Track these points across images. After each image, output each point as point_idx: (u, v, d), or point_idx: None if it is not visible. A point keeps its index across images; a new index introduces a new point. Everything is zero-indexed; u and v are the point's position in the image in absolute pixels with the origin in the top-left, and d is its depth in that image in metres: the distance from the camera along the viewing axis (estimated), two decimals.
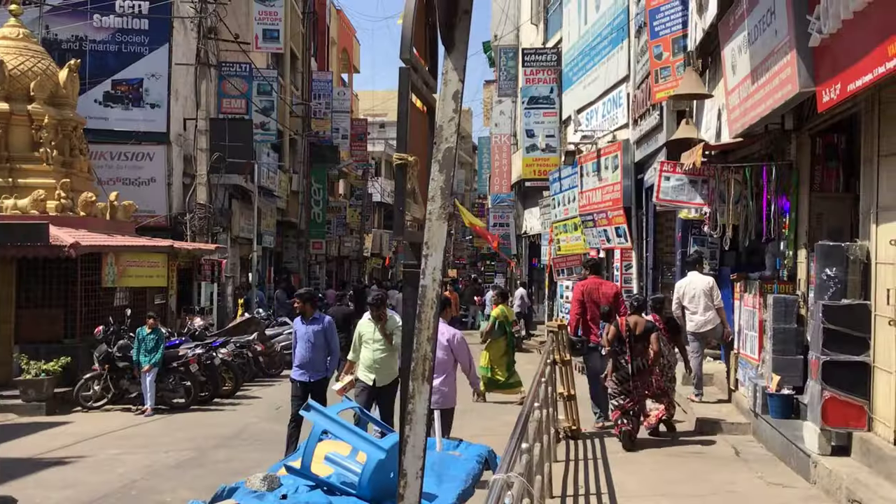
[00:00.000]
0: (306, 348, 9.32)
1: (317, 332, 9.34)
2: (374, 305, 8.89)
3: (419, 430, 2.41)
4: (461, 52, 2.70)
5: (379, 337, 8.75)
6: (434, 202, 2.71)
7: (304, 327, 9.42)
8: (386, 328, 8.75)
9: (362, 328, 8.88)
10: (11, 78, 16.18)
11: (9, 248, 13.97)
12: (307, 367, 9.31)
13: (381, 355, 8.72)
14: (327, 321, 9.54)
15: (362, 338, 8.85)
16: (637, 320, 9.47)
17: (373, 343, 8.76)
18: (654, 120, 14.13)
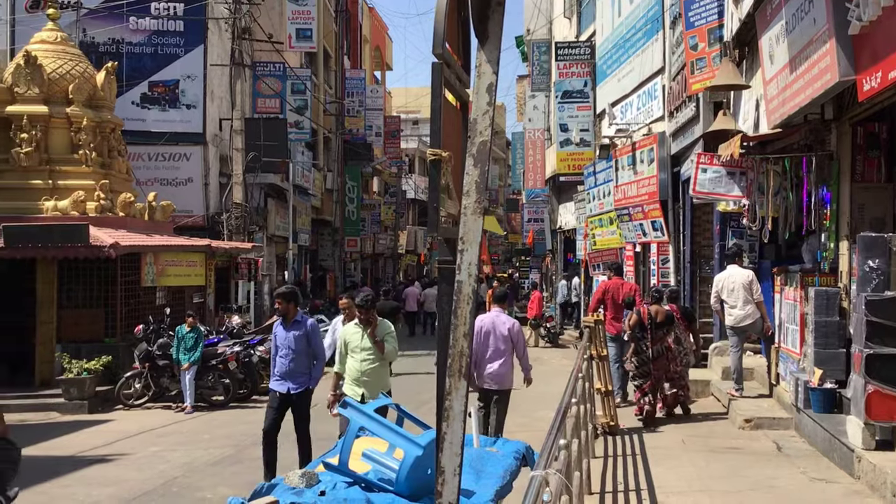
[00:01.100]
0: (286, 356, 8.28)
1: (298, 338, 8.26)
2: (363, 308, 7.93)
3: (456, 426, 2.39)
4: (495, 45, 2.67)
5: (367, 345, 7.89)
6: (469, 197, 2.69)
7: (285, 332, 8.31)
8: (376, 334, 7.91)
9: (348, 335, 8.01)
10: (50, 81, 16.43)
11: (50, 249, 14.22)
12: (287, 376, 8.29)
13: (371, 366, 7.91)
14: (310, 324, 8.44)
15: (348, 346, 7.97)
16: (658, 309, 10.49)
17: (360, 352, 7.91)
18: (690, 112, 13.97)
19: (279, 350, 8.34)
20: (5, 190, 15.94)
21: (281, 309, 8.39)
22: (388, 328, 8.01)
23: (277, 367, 8.37)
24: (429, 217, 3.06)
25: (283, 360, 8.30)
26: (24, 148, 15.95)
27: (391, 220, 44.66)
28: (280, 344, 8.33)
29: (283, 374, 8.29)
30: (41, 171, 16.12)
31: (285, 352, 8.28)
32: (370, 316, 7.94)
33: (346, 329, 8.11)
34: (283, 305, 8.35)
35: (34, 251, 14.32)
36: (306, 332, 8.28)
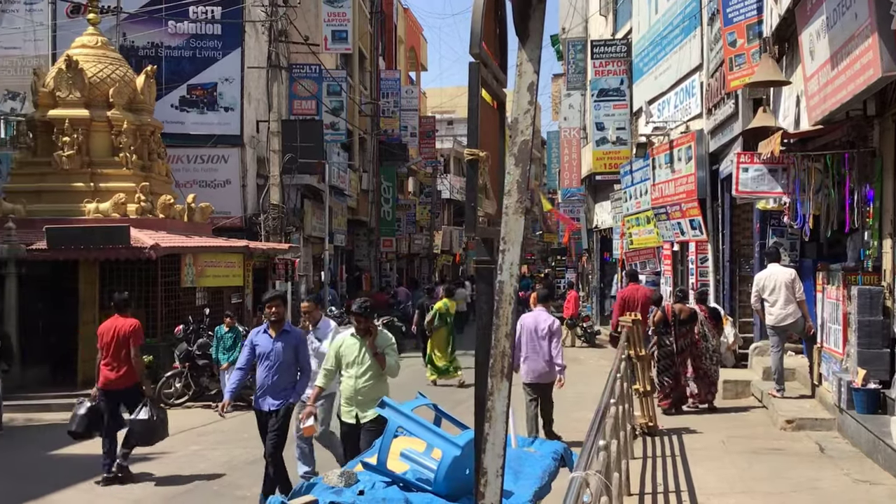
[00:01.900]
0: (271, 368, 7.47)
1: (286, 348, 7.46)
2: (360, 315, 6.97)
3: (499, 427, 2.37)
4: (535, 43, 2.65)
5: (367, 359, 6.99)
6: (510, 196, 2.68)
7: (270, 342, 7.49)
8: (376, 345, 7.03)
9: (343, 347, 7.11)
10: (91, 85, 16.70)
11: (92, 250, 14.45)
12: (271, 391, 7.48)
13: (368, 383, 6.99)
14: (299, 335, 7.73)
15: (342, 359, 7.09)
16: (682, 307, 11.32)
17: (357, 367, 7.00)
18: (729, 109, 13.80)
19: (262, 361, 7.52)
20: (48, 193, 16.23)
21: (277, 314, 7.49)
22: (388, 339, 7.17)
23: (260, 381, 7.55)
24: (466, 217, 3.06)
25: (267, 374, 7.49)
26: (66, 151, 16.22)
27: (426, 220, 44.72)
28: (265, 355, 7.50)
29: (266, 388, 7.49)
30: (83, 173, 16.39)
31: (270, 364, 7.46)
32: (369, 325, 7.03)
33: (340, 341, 7.17)
34: (278, 310, 7.51)
35: (76, 252, 14.56)
36: (295, 343, 7.53)
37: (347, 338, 7.14)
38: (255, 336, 7.70)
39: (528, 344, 9.47)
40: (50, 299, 15.48)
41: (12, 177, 17.17)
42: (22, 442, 11.45)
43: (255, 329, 7.86)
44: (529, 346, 9.47)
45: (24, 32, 21.54)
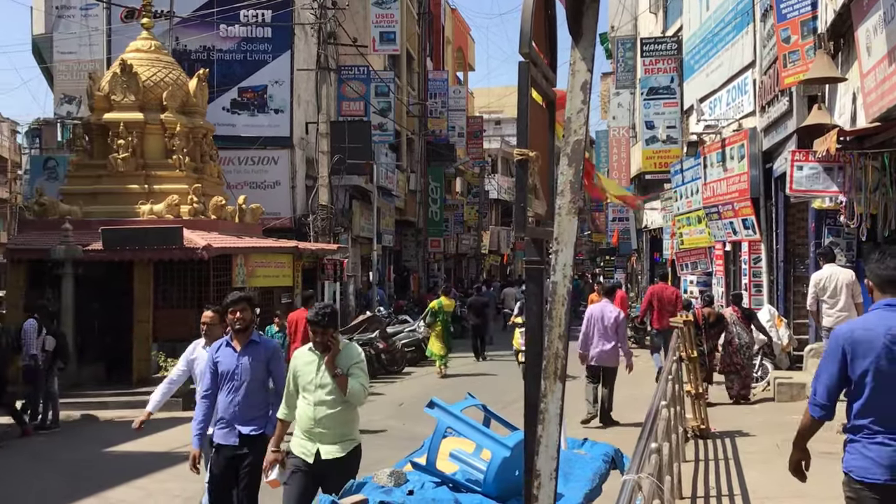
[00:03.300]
0: (236, 390, 6.00)
1: (255, 364, 6.02)
2: (316, 326, 5.49)
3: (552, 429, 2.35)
4: (589, 41, 2.62)
5: (325, 380, 5.48)
6: (563, 196, 2.65)
7: (235, 357, 6.03)
8: (337, 364, 5.51)
9: (298, 365, 5.63)
10: (145, 89, 17.00)
11: (146, 251, 14.71)
12: (236, 419, 5.99)
13: (328, 411, 5.47)
14: (272, 346, 6.30)
15: (297, 380, 5.60)
16: (710, 311, 12.15)
17: (315, 390, 5.50)
18: (783, 106, 13.55)
19: (224, 382, 6.02)
20: (104, 194, 16.57)
21: (242, 320, 6.05)
22: (354, 356, 5.61)
23: (221, 408, 6.02)
24: (516, 217, 3.03)
25: (230, 398, 5.99)
26: (121, 154, 16.54)
27: (474, 220, 44.72)
28: (227, 374, 6.01)
29: (230, 417, 6.00)
30: (137, 175, 16.69)
31: (235, 385, 5.99)
32: (327, 339, 5.49)
33: (297, 357, 5.71)
34: (244, 315, 6.05)
35: (131, 253, 14.84)
36: (266, 357, 6.09)
37: (305, 353, 5.66)
38: (214, 352, 6.12)
39: (596, 332, 11.02)
40: (105, 299, 15.80)
41: (69, 179, 17.57)
42: (79, 438, 11.71)
43: (217, 342, 6.24)
44: (597, 334, 11.02)
45: (80, 37, 22.07)
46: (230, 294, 6.50)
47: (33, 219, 16.70)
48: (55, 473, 9.63)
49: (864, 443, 3.99)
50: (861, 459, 3.98)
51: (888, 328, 3.91)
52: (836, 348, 4.06)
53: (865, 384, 3.98)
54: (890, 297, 4.04)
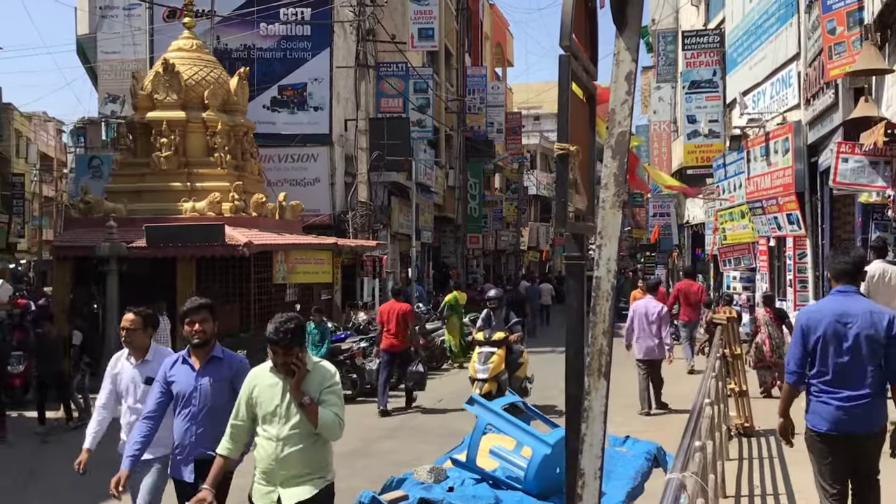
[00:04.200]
0: (196, 417, 5.09)
1: (218, 386, 5.09)
2: (278, 343, 4.39)
3: (597, 428, 2.32)
4: (634, 31, 2.58)
5: (291, 410, 4.41)
6: (607, 190, 2.61)
7: (193, 377, 5.12)
8: (305, 390, 4.42)
9: (258, 391, 4.52)
10: (187, 87, 17.20)
11: (188, 247, 14.90)
12: (196, 452, 5.12)
13: (294, 449, 4.39)
14: (238, 363, 5.25)
15: (255, 408, 4.50)
16: (729, 310, 12.17)
17: (278, 422, 4.42)
18: (828, 99, 13.30)
19: (179, 406, 5.12)
20: (147, 192, 16.81)
21: (202, 333, 5.13)
22: (327, 378, 4.51)
23: (177, 436, 5.14)
24: (556, 212, 3.00)
25: (188, 425, 5.09)
26: (164, 152, 16.76)
27: (513, 216, 44.58)
28: (183, 396, 5.10)
29: (187, 449, 5.11)
30: (180, 173, 16.90)
31: (193, 409, 5.08)
32: (289, 359, 4.40)
33: (253, 380, 4.58)
34: (204, 326, 5.13)
35: (174, 250, 15.04)
36: (231, 375, 5.12)
37: (264, 374, 4.54)
38: (169, 367, 5.19)
39: (640, 327, 11.74)
40: (149, 296, 16.00)
41: (113, 177, 17.86)
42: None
43: (173, 356, 5.32)
44: (641, 328, 11.74)
45: (123, 37, 22.41)
46: (189, 300, 5.32)
47: (79, 217, 17.01)
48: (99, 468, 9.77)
49: (815, 401, 4.94)
50: (812, 414, 4.96)
51: (833, 310, 4.91)
52: (798, 327, 5.03)
53: (816, 354, 4.91)
54: (841, 286, 5.01)
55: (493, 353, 11.19)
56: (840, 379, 4.81)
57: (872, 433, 4.85)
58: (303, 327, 4.63)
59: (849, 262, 5.02)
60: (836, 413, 4.81)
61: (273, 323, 4.49)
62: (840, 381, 4.81)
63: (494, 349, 11.24)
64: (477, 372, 11.17)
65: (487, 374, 11.01)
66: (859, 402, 4.78)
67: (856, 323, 4.81)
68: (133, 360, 5.53)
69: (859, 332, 4.79)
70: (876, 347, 4.76)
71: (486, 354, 11.20)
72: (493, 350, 11.24)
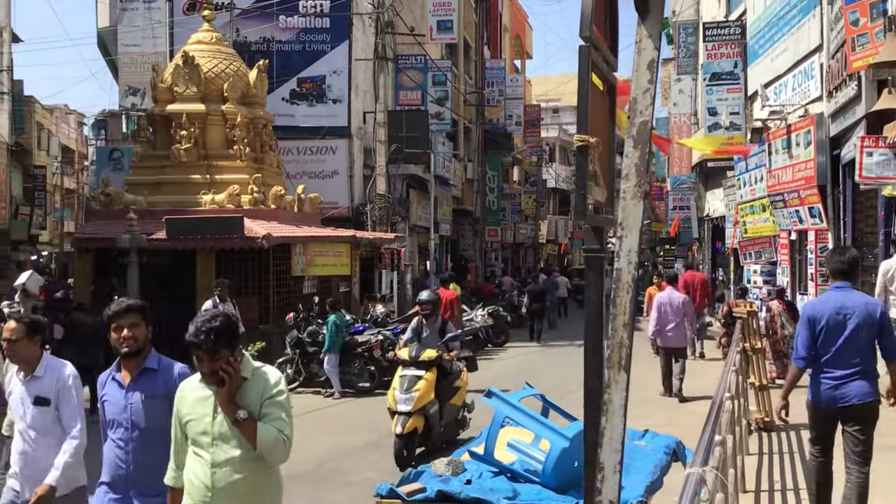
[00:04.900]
0: (128, 443, 4.12)
1: (152, 404, 4.12)
2: (200, 346, 3.61)
3: (616, 421, 2.30)
4: (656, 19, 2.54)
5: (225, 428, 3.63)
6: (628, 180, 2.58)
7: (122, 395, 4.15)
8: (241, 402, 3.64)
9: (185, 403, 3.76)
10: (206, 80, 17.25)
11: (208, 240, 14.96)
12: (130, 486, 4.11)
13: (232, 477, 3.62)
14: (177, 376, 4.15)
15: (186, 425, 3.73)
16: (742, 303, 12.71)
17: (210, 443, 3.65)
18: (851, 91, 13.15)
19: (111, 430, 4.17)
20: (167, 184, 16.90)
21: (132, 341, 4.14)
22: (268, 387, 3.70)
23: (107, 468, 4.17)
24: (575, 204, 2.97)
25: (119, 452, 4.13)
26: (184, 144, 16.84)
27: (532, 209, 44.47)
28: (112, 419, 4.16)
29: (118, 484, 4.13)
30: (199, 166, 16.97)
31: (125, 434, 4.12)
32: (218, 364, 3.61)
33: (183, 390, 3.82)
34: (134, 333, 4.14)
35: (194, 242, 15.11)
36: (168, 391, 4.05)
37: (193, 386, 3.77)
38: (102, 387, 4.27)
39: (665, 316, 12.36)
40: (169, 287, 16.10)
41: (133, 170, 17.96)
42: None
43: (105, 373, 4.31)
44: (666, 318, 12.35)
45: (144, 30, 22.49)
46: (115, 301, 4.32)
47: (100, 209, 17.12)
48: None
49: (816, 379, 5.78)
50: (813, 390, 5.79)
51: (833, 303, 5.74)
52: (804, 318, 5.84)
53: (819, 340, 5.70)
54: (838, 282, 5.83)
55: (420, 377, 8.93)
56: (838, 361, 5.63)
57: (864, 404, 5.61)
58: (232, 326, 3.68)
59: (843, 262, 5.84)
60: (833, 389, 5.64)
61: (194, 322, 3.64)
62: (838, 362, 5.64)
63: (422, 372, 9.00)
64: (397, 402, 8.83)
65: (412, 405, 8.72)
66: (853, 379, 5.61)
67: (853, 314, 5.62)
68: (21, 376, 4.58)
69: (856, 322, 5.61)
70: (871, 333, 5.61)
71: (411, 379, 8.93)
72: (419, 373, 8.97)
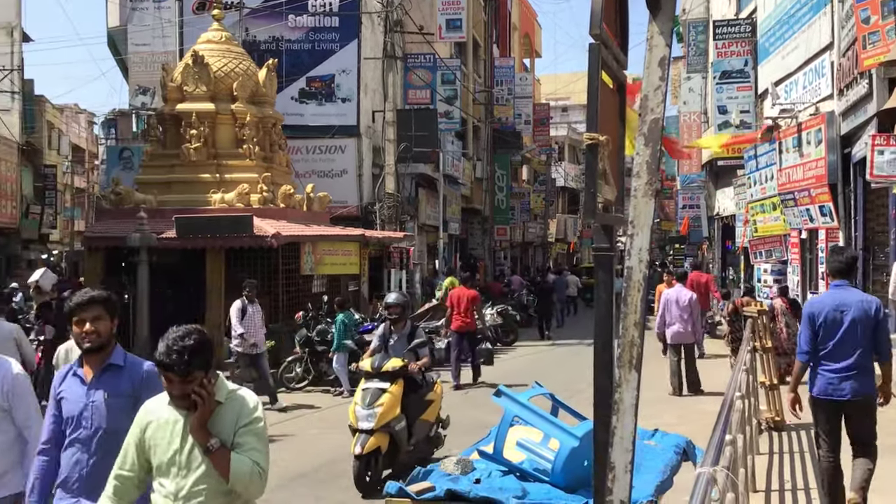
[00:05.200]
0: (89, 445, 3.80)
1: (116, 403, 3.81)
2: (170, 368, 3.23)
3: (627, 420, 2.28)
4: (668, 16, 2.52)
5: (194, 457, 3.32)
6: (639, 178, 2.56)
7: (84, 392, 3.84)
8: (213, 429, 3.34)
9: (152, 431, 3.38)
10: (216, 79, 17.28)
11: (218, 238, 14.99)
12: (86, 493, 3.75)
13: None
14: (144, 374, 3.91)
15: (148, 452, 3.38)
16: (749, 300, 13.04)
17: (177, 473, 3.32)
18: (862, 89, 13.09)
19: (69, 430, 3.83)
20: (177, 183, 16.93)
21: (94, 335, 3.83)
22: (244, 413, 3.48)
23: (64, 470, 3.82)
24: (585, 203, 2.96)
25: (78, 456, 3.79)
26: (194, 143, 16.86)
27: (541, 208, 44.41)
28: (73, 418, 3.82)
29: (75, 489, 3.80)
30: (209, 165, 17.00)
31: (85, 434, 3.80)
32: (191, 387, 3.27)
33: (149, 412, 3.44)
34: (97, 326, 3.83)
35: (203, 241, 15.14)
36: (133, 389, 3.85)
37: (161, 408, 3.40)
38: (59, 383, 3.94)
39: (673, 313, 12.63)
40: (178, 286, 16.15)
41: (144, 169, 18.00)
42: None
43: (64, 368, 4.08)
44: (674, 315, 12.62)
45: (154, 30, 22.56)
46: (78, 293, 3.99)
47: (110, 208, 17.16)
48: None
49: (817, 373, 6.07)
50: (814, 385, 6.09)
51: (832, 300, 6.07)
52: (805, 315, 6.15)
53: (819, 336, 6.02)
54: (837, 281, 6.18)
55: (384, 390, 8.03)
56: (836, 355, 5.94)
57: (862, 396, 5.94)
58: (207, 344, 3.29)
59: (842, 262, 6.20)
60: (832, 383, 5.95)
61: (164, 339, 3.23)
62: (836, 356, 5.94)
63: (386, 384, 8.09)
64: (358, 419, 7.95)
65: (374, 422, 7.83)
66: (850, 373, 5.91)
67: (850, 311, 5.93)
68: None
69: (853, 318, 5.92)
70: (866, 329, 5.91)
71: (374, 393, 8.03)
72: (383, 386, 8.06)
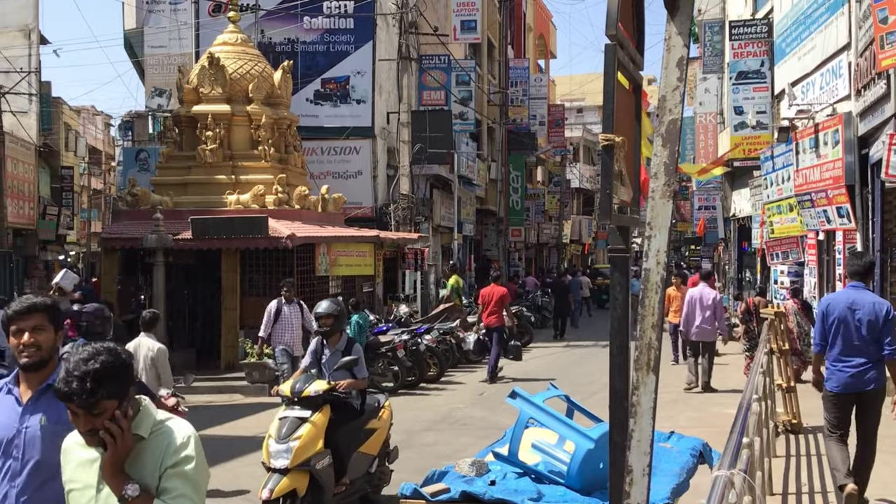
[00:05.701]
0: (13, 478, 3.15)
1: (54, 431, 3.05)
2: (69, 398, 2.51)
3: (645, 424, 2.27)
4: (686, 16, 2.50)
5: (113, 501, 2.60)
6: (657, 179, 2.55)
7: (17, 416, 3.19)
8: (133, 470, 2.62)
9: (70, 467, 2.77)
10: (232, 81, 17.35)
11: (233, 239, 15.05)
12: None
13: None
14: None
15: (69, 496, 2.75)
16: (760, 300, 13.70)
17: None
18: (879, 89, 12.98)
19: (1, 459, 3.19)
20: (193, 185, 17.01)
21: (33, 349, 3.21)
22: (170, 452, 2.76)
23: None
24: (601, 204, 2.95)
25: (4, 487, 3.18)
26: (209, 145, 16.93)
27: (555, 209, 44.34)
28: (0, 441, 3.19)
29: None
30: (224, 166, 17.07)
31: (15, 465, 3.18)
32: (99, 421, 2.56)
33: (65, 451, 2.84)
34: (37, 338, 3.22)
35: (219, 242, 15.21)
36: None
37: (76, 447, 2.78)
38: None
39: (697, 311, 13.02)
40: (194, 287, 16.22)
41: (160, 170, 18.09)
42: None
43: None
44: (697, 313, 13.01)
45: (170, 32, 22.68)
46: (18, 299, 3.40)
47: (126, 209, 17.26)
48: None
49: (832, 368, 6.55)
50: (829, 379, 6.59)
51: (846, 299, 6.55)
52: (820, 311, 6.71)
53: (832, 332, 6.49)
54: (853, 282, 6.68)
55: (304, 419, 6.63)
56: (849, 351, 6.39)
57: (873, 389, 6.40)
58: (119, 366, 2.61)
59: (860, 265, 6.69)
60: (846, 377, 6.41)
61: (65, 361, 2.60)
62: (848, 352, 6.39)
63: (307, 413, 6.68)
64: (272, 455, 6.49)
65: (290, 458, 6.40)
66: (862, 368, 6.35)
67: (862, 310, 6.36)
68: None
69: (864, 317, 6.34)
70: (875, 328, 6.31)
71: (291, 423, 6.62)
72: (303, 415, 6.66)
